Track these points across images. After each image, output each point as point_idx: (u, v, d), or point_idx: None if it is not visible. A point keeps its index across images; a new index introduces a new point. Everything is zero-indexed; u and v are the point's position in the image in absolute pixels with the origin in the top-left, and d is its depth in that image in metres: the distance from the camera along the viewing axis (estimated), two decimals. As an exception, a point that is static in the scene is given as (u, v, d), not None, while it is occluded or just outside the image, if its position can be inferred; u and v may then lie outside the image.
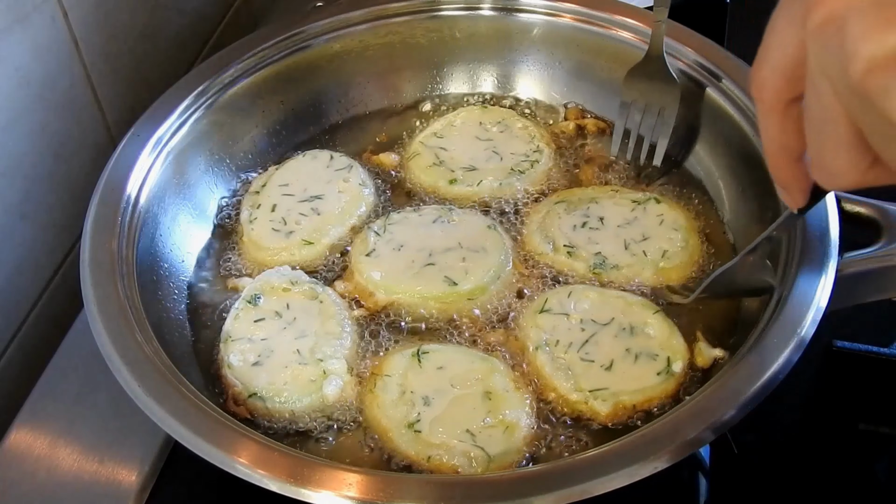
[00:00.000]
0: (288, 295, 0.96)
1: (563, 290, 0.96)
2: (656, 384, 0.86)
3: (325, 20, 1.15)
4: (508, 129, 1.15)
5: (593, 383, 0.87)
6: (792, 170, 0.64)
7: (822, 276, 0.82)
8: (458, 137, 1.14)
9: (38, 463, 0.91)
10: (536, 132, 1.14)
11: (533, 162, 1.10)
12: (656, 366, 0.87)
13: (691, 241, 1.00)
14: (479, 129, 1.15)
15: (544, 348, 0.90)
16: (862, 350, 0.93)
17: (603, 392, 0.86)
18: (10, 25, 0.98)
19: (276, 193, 1.07)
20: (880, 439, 0.95)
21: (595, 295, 0.94)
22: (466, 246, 0.99)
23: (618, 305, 0.93)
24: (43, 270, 1.11)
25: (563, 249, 1.00)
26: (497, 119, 1.16)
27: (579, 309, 0.93)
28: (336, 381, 0.88)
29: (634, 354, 0.88)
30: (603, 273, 0.98)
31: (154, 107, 1.03)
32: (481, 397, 0.86)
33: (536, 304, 0.95)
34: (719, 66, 1.04)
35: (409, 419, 0.85)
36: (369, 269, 0.98)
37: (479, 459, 0.81)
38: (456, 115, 1.17)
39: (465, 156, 1.11)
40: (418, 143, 1.13)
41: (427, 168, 1.10)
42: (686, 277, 0.98)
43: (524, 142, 1.13)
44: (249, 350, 0.91)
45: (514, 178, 1.09)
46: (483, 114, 1.17)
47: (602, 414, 0.85)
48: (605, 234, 1.00)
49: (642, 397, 0.85)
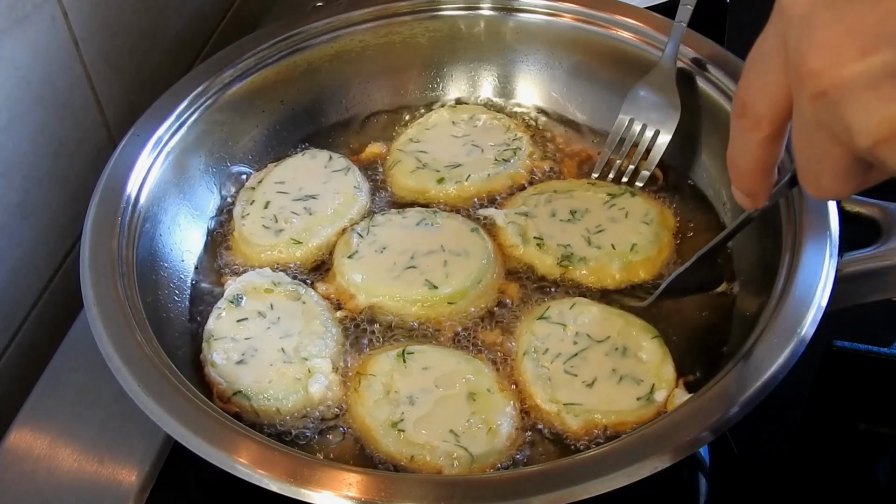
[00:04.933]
0: (271, 296, 0.96)
1: (567, 301, 0.95)
2: (633, 409, 0.85)
3: (325, 20, 1.15)
4: (482, 123, 1.15)
5: (569, 397, 0.86)
6: (762, 180, 0.64)
7: (822, 276, 0.81)
8: (435, 138, 1.14)
9: (38, 463, 0.91)
10: (510, 122, 1.16)
11: (515, 149, 1.11)
12: (638, 391, 0.86)
13: (663, 235, 0.99)
14: (454, 127, 1.15)
15: (531, 354, 0.90)
16: (862, 350, 0.93)
17: (576, 407, 0.85)
18: (10, 25, 0.98)
19: (272, 190, 1.07)
20: (880, 439, 0.95)
21: (597, 311, 0.93)
22: (449, 249, 0.99)
23: (617, 324, 0.92)
24: (43, 270, 1.11)
25: (533, 242, 1.00)
26: (468, 115, 1.16)
27: (578, 322, 0.92)
28: (321, 379, 0.88)
29: (619, 376, 0.87)
30: (570, 266, 0.98)
31: (154, 107, 1.03)
32: (466, 398, 0.86)
33: (537, 311, 0.95)
34: (719, 66, 1.04)
35: (392, 418, 0.85)
36: (351, 271, 0.98)
37: (461, 460, 0.81)
38: (427, 119, 1.16)
39: (446, 154, 1.11)
40: (396, 150, 1.13)
41: (411, 173, 1.09)
42: (655, 273, 0.98)
43: (500, 132, 1.14)
44: (233, 349, 0.91)
45: (500, 167, 1.09)
46: (453, 113, 1.17)
47: (572, 428, 0.85)
48: (575, 227, 1.01)
49: (616, 419, 0.84)
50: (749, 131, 0.59)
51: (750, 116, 0.59)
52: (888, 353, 0.93)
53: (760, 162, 0.61)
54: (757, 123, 0.58)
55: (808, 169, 0.56)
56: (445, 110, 1.18)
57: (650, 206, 1.02)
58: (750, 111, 0.58)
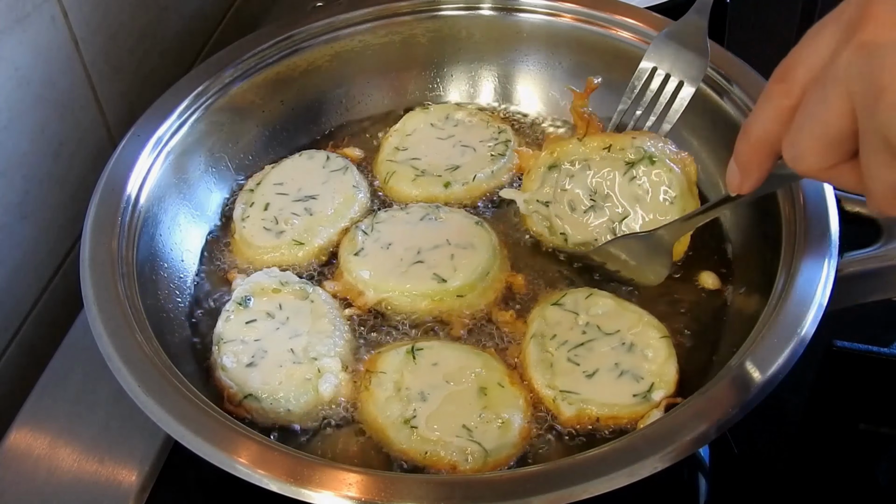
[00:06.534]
0: (279, 296, 0.96)
1: (585, 290, 0.96)
2: (628, 405, 0.85)
3: (325, 20, 1.15)
4: (460, 122, 1.16)
5: (567, 385, 0.87)
6: (761, 158, 0.65)
7: (822, 276, 0.82)
8: (421, 143, 1.13)
9: (38, 463, 0.91)
10: (486, 116, 1.16)
11: (504, 142, 1.12)
12: (637, 388, 0.86)
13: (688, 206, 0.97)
14: (435, 129, 1.15)
15: (538, 339, 0.91)
16: (862, 350, 0.93)
17: (571, 395, 0.86)
18: (10, 25, 0.98)
19: (271, 192, 1.06)
20: (880, 439, 0.95)
21: (612, 304, 0.93)
22: (454, 243, 0.99)
23: (629, 320, 0.92)
24: (43, 270, 1.11)
25: (560, 237, 1.01)
26: (442, 116, 1.16)
27: (591, 313, 0.93)
28: (331, 378, 0.88)
29: (621, 370, 0.87)
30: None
31: (154, 107, 1.03)
32: (476, 393, 0.86)
33: (553, 297, 0.95)
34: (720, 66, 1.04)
35: (404, 415, 0.85)
36: (358, 267, 0.98)
37: (475, 454, 0.82)
38: (403, 125, 1.15)
39: (440, 158, 1.11)
40: (386, 161, 1.11)
41: (412, 182, 1.09)
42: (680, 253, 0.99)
43: (482, 128, 1.14)
44: (243, 351, 0.91)
45: (500, 162, 1.10)
46: (427, 115, 1.16)
47: (564, 415, 0.86)
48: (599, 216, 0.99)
49: (609, 412, 0.85)
50: (779, 97, 0.61)
51: (788, 81, 0.60)
52: (888, 353, 0.93)
53: (771, 135, 0.63)
54: (790, 90, 0.60)
55: (799, 125, 0.59)
56: (418, 113, 1.17)
57: (671, 176, 0.97)
58: (789, 76, 0.60)
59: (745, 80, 1.02)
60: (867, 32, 0.53)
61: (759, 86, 1.01)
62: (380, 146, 1.15)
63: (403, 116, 1.17)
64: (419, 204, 1.06)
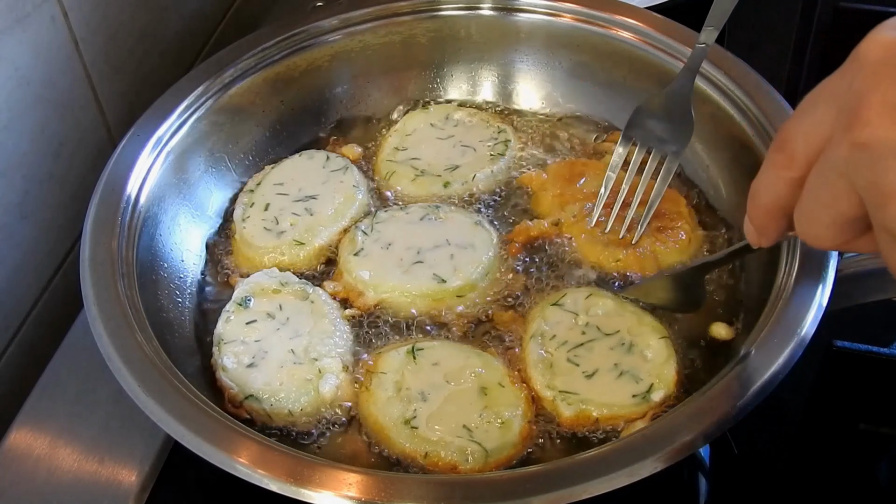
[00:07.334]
0: (279, 296, 0.96)
1: (585, 290, 0.96)
2: (627, 405, 0.85)
3: (325, 20, 1.15)
4: (460, 122, 1.16)
5: (567, 385, 0.87)
6: (777, 221, 0.65)
7: (822, 276, 0.82)
8: (421, 143, 1.13)
9: (38, 463, 0.91)
10: (486, 116, 1.16)
11: (504, 142, 1.12)
12: (636, 388, 0.86)
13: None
14: (434, 129, 1.15)
15: (537, 339, 0.91)
16: (862, 350, 0.93)
17: (571, 396, 0.86)
18: (10, 25, 0.98)
19: (271, 192, 1.06)
20: (880, 439, 0.95)
21: (612, 304, 0.93)
22: (454, 243, 0.99)
23: (629, 321, 0.92)
24: (43, 270, 1.11)
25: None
26: (442, 116, 1.16)
27: (591, 313, 0.93)
28: (332, 379, 0.88)
29: (620, 371, 0.87)
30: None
31: (154, 107, 1.03)
32: (477, 393, 0.86)
33: (552, 297, 0.95)
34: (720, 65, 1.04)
35: (405, 416, 0.85)
36: (358, 268, 0.98)
37: (476, 455, 0.82)
38: (403, 125, 1.16)
39: (440, 158, 1.11)
40: (386, 161, 1.12)
41: (412, 182, 1.09)
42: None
43: (482, 128, 1.14)
44: (243, 352, 0.91)
45: (500, 162, 1.10)
46: (427, 115, 1.17)
47: (563, 416, 0.85)
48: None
49: (608, 413, 0.85)
50: (781, 168, 0.60)
51: (787, 152, 0.59)
52: (888, 353, 0.93)
53: (781, 201, 0.62)
54: (791, 161, 0.59)
55: (810, 210, 0.59)
56: (418, 113, 1.17)
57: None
58: (788, 147, 0.59)
59: (746, 80, 1.02)
60: (864, 132, 0.51)
61: (759, 86, 1.01)
62: (380, 146, 1.15)
63: (403, 116, 1.18)
64: (419, 204, 1.06)
